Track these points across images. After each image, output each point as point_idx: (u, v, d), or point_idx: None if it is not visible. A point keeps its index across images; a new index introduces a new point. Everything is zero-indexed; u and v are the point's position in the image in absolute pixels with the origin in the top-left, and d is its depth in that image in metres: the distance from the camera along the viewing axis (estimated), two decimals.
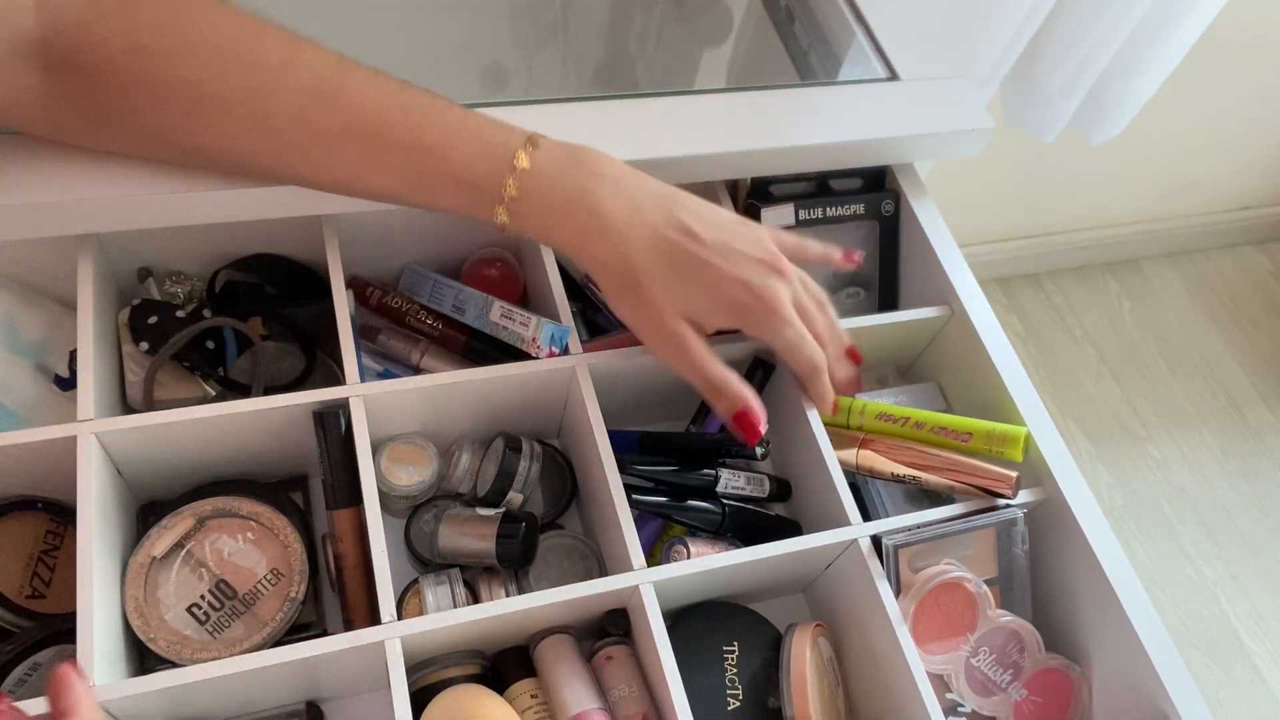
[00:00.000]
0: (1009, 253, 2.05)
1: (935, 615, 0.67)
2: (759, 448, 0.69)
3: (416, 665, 0.61)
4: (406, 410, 0.67)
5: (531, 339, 0.67)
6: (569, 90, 1.08)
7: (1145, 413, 1.96)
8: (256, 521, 0.63)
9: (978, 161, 0.91)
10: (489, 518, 0.65)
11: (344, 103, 0.56)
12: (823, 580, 0.72)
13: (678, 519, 0.69)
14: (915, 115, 0.79)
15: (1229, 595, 1.74)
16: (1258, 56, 1.74)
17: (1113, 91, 1.21)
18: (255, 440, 0.65)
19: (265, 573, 0.62)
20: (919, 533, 0.66)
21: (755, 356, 0.73)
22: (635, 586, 0.61)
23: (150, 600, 0.59)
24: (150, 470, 0.64)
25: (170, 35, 0.54)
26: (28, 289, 0.68)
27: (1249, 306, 2.16)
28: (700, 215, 0.60)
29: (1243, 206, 2.20)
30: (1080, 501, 0.69)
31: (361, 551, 0.64)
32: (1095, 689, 0.69)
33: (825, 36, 0.90)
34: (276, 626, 0.60)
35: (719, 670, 0.67)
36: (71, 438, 0.58)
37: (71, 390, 0.65)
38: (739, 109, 0.76)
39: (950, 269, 0.78)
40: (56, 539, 0.64)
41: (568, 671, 0.63)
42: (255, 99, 0.55)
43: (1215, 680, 1.64)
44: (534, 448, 0.70)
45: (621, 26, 1.11)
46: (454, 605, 0.63)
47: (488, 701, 0.59)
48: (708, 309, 0.60)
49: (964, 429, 0.71)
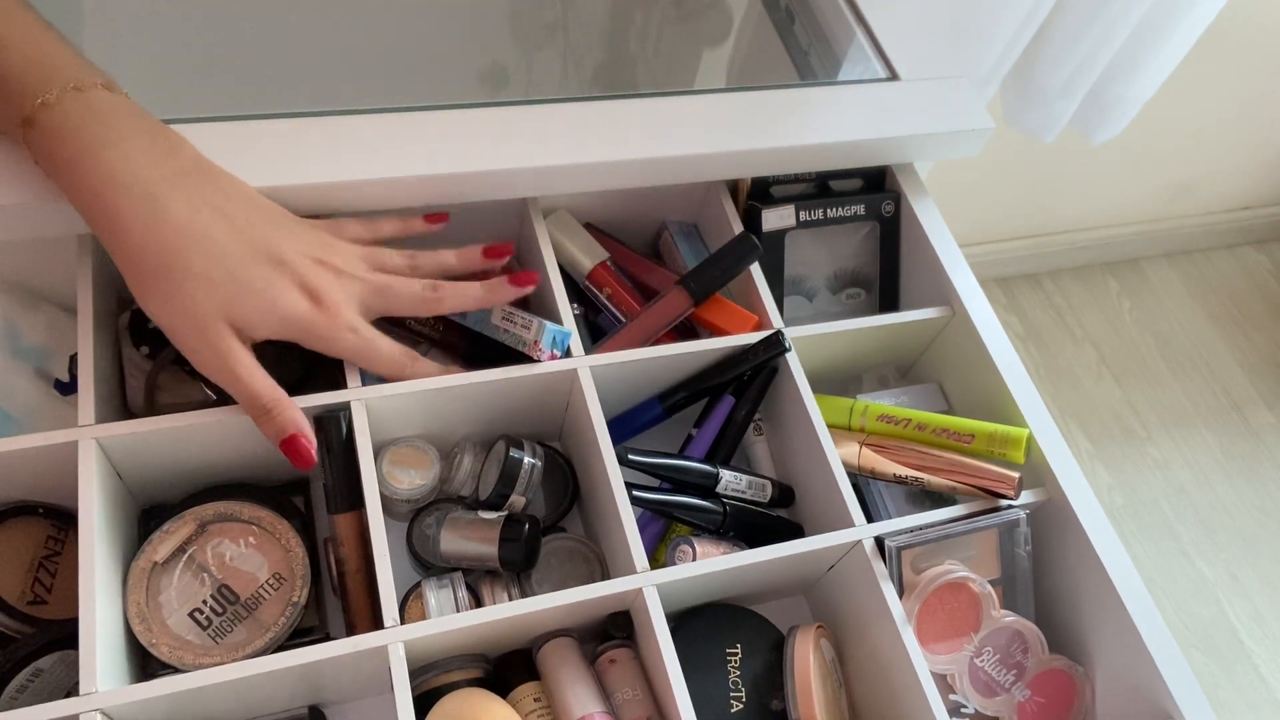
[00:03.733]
0: (1009, 253, 2.05)
1: (939, 616, 0.67)
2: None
3: (419, 669, 0.61)
4: (408, 414, 0.67)
5: (533, 342, 0.67)
6: (569, 90, 1.08)
7: (1145, 413, 1.96)
8: (258, 526, 0.63)
9: (978, 161, 0.91)
10: (491, 521, 0.65)
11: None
12: (825, 582, 0.72)
13: (679, 517, 0.69)
14: (915, 115, 0.79)
15: (1229, 595, 1.74)
16: (1257, 57, 1.74)
17: (1113, 91, 1.21)
18: (257, 444, 0.65)
19: (267, 577, 0.62)
20: (922, 534, 0.66)
21: (762, 362, 0.73)
22: (638, 589, 0.61)
23: (152, 605, 0.59)
24: (151, 475, 0.64)
25: None
26: (27, 293, 0.68)
27: (1249, 306, 2.16)
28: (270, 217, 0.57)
29: (1243, 206, 2.20)
30: (1082, 502, 0.69)
31: (364, 555, 0.64)
32: (1098, 689, 0.69)
33: (825, 36, 0.90)
34: (279, 631, 0.59)
35: (722, 673, 0.67)
36: (73, 443, 0.57)
37: (72, 395, 0.65)
38: (739, 109, 0.76)
39: (951, 269, 0.78)
40: (58, 544, 0.64)
41: (571, 675, 0.63)
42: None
43: (1215, 680, 1.64)
44: (536, 450, 0.70)
45: (621, 26, 1.11)
46: (456, 609, 0.63)
47: (491, 705, 0.59)
48: (258, 318, 0.56)
49: (966, 431, 0.71)
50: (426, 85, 0.92)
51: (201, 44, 0.93)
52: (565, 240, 0.76)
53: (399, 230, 0.67)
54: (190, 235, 0.54)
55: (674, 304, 0.73)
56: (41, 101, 0.53)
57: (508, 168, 0.68)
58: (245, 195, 0.58)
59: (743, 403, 0.74)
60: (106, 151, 0.53)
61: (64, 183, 0.54)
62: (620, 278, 0.76)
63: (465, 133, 0.69)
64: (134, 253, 0.53)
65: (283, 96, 0.77)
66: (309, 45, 0.95)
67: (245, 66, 0.93)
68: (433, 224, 0.68)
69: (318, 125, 0.67)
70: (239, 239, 0.55)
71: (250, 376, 0.56)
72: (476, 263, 0.67)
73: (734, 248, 0.74)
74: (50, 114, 0.53)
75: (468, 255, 0.67)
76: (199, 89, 0.85)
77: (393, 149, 0.66)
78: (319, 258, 0.59)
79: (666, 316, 0.73)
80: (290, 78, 0.92)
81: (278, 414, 0.56)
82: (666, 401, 0.73)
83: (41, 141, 0.54)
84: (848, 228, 0.82)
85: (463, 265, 0.67)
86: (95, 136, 0.53)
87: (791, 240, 0.80)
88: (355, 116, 0.68)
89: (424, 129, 0.68)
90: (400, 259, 0.64)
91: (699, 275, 0.73)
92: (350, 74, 0.93)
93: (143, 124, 0.56)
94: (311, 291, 0.58)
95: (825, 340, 0.75)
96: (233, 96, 0.86)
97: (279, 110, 0.67)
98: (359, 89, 0.90)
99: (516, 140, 0.69)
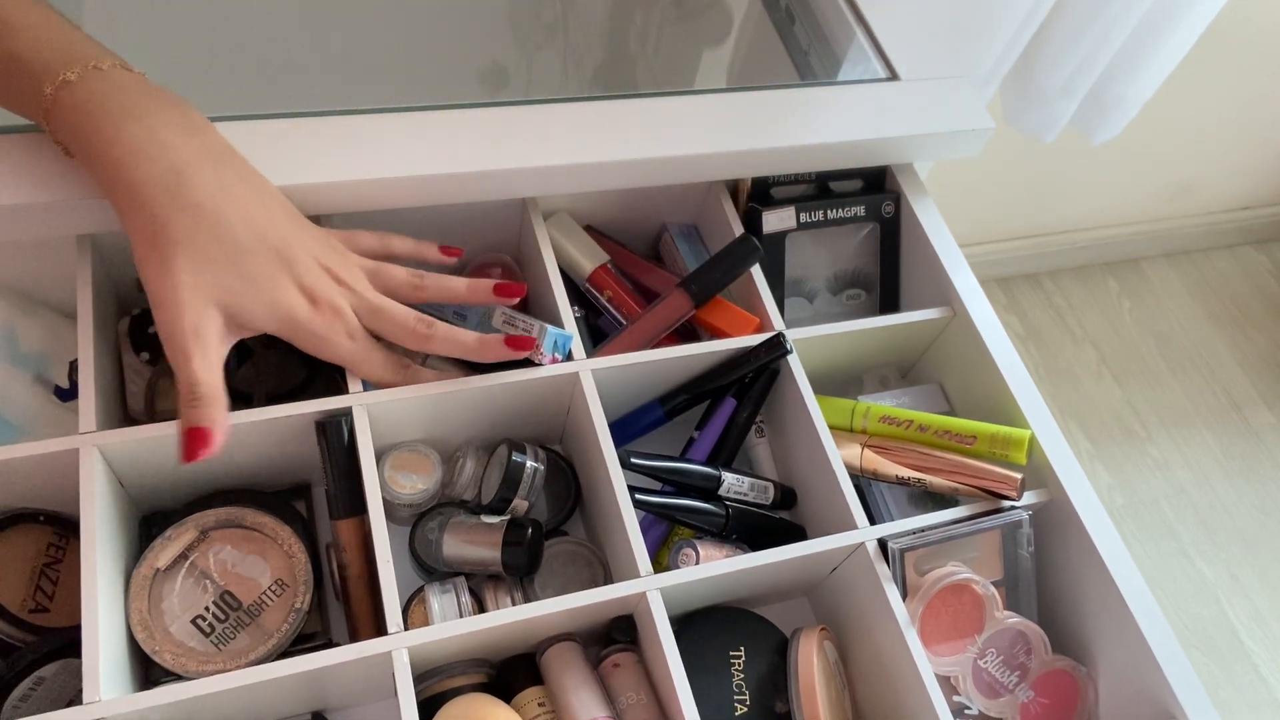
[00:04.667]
0: (1009, 253, 2.05)
1: (943, 617, 0.66)
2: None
3: (423, 674, 0.61)
4: (409, 418, 0.67)
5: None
6: (569, 90, 1.08)
7: (1145, 413, 1.96)
8: (260, 532, 0.63)
9: (978, 161, 0.90)
10: (494, 525, 0.65)
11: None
12: (828, 584, 0.72)
13: (681, 520, 0.68)
14: (915, 115, 0.79)
15: (1229, 595, 1.74)
16: (1257, 57, 1.74)
17: (1113, 91, 1.21)
18: (258, 450, 0.65)
19: (270, 583, 0.61)
20: (925, 535, 0.66)
21: (764, 364, 0.72)
22: (642, 593, 0.61)
23: (154, 613, 0.59)
24: (153, 481, 0.64)
25: None
26: (26, 299, 0.67)
27: (1249, 306, 2.16)
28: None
29: (1243, 206, 2.20)
30: (1084, 503, 0.69)
31: (366, 561, 0.64)
32: (1101, 690, 0.69)
33: (825, 36, 0.90)
34: (282, 637, 0.59)
35: (726, 676, 0.67)
36: (73, 450, 0.57)
37: (72, 401, 0.65)
38: (739, 109, 0.75)
39: (951, 270, 0.78)
40: (59, 552, 0.64)
41: (575, 679, 0.62)
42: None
43: (1215, 680, 1.64)
44: (538, 454, 0.70)
45: (621, 26, 1.10)
46: (460, 614, 0.63)
47: (495, 710, 0.59)
48: (255, 309, 0.56)
49: (968, 432, 0.71)
50: (426, 85, 0.92)
51: (202, 44, 0.93)
52: (566, 243, 0.76)
53: (411, 253, 0.66)
54: (210, 216, 0.54)
55: (675, 306, 0.72)
56: (64, 79, 0.53)
57: (508, 168, 0.68)
58: (267, 189, 0.59)
59: (744, 405, 0.73)
60: (132, 124, 0.53)
61: (87, 155, 0.54)
62: (621, 280, 0.76)
63: (465, 133, 0.69)
64: (149, 225, 0.53)
65: (283, 96, 0.77)
66: (310, 45, 0.95)
67: (245, 66, 0.93)
68: (447, 256, 0.68)
69: (318, 125, 0.66)
70: (253, 229, 0.55)
71: (201, 361, 0.53)
72: (484, 299, 0.66)
73: (735, 249, 0.74)
74: (74, 91, 0.53)
75: (479, 290, 0.65)
76: (200, 89, 0.85)
77: (393, 149, 0.66)
78: (326, 264, 0.59)
79: (667, 319, 0.72)
80: (290, 78, 0.92)
81: (205, 405, 0.54)
82: (668, 404, 0.73)
83: (65, 117, 0.54)
84: (848, 229, 0.82)
85: (469, 299, 0.66)
86: (121, 108, 0.53)
87: (792, 242, 0.80)
88: (355, 116, 0.67)
89: (424, 129, 0.68)
90: (405, 280, 0.63)
91: (700, 277, 0.73)
92: (350, 74, 0.93)
93: (168, 100, 0.56)
94: (311, 294, 0.58)
95: (826, 342, 0.75)
96: (233, 96, 0.85)
97: (279, 110, 0.67)
98: (359, 89, 0.90)
99: (516, 140, 0.69)
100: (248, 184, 0.57)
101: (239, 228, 0.55)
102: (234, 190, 0.56)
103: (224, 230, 0.54)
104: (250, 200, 0.56)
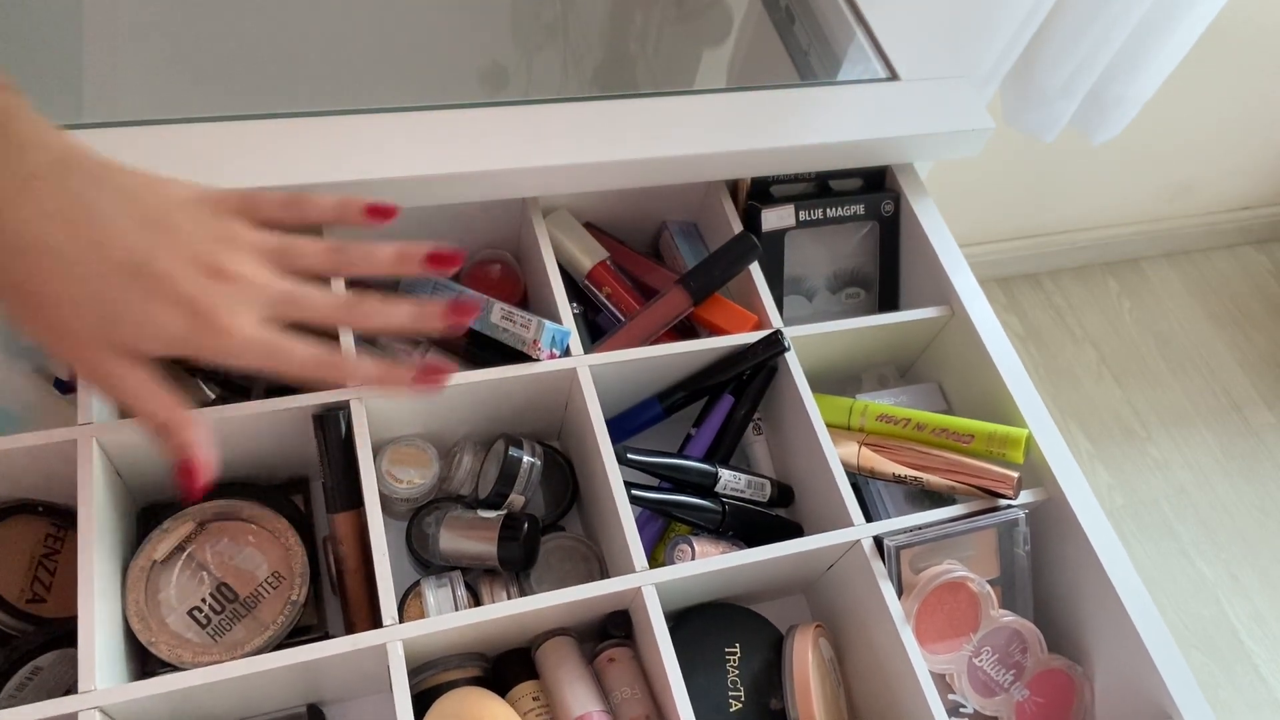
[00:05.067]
0: (1009, 253, 2.05)
1: (938, 615, 0.67)
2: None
3: (418, 668, 0.61)
4: (407, 412, 0.67)
5: (532, 341, 0.67)
6: (569, 90, 1.08)
7: (1145, 413, 1.96)
8: (257, 524, 0.63)
9: (978, 161, 0.91)
10: (490, 520, 0.65)
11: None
12: (824, 581, 0.72)
13: (678, 516, 0.69)
14: (915, 115, 0.79)
15: (1229, 595, 1.74)
16: (1257, 57, 1.74)
17: (1113, 91, 1.21)
18: (256, 443, 0.65)
19: (266, 576, 0.62)
20: (921, 533, 0.66)
21: (762, 361, 0.73)
22: (637, 589, 0.61)
23: (151, 604, 0.59)
24: (151, 473, 0.64)
25: None
26: None
27: (1249, 306, 2.16)
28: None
29: (1243, 206, 2.20)
30: (1081, 502, 0.69)
31: (363, 554, 0.64)
32: (1097, 689, 0.69)
33: (825, 36, 0.90)
34: (278, 629, 0.59)
35: (721, 672, 0.67)
36: (72, 441, 0.57)
37: (71, 394, 0.65)
38: (739, 109, 0.76)
39: (950, 269, 0.78)
40: (57, 543, 0.64)
41: (570, 674, 0.63)
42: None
43: (1215, 680, 1.64)
44: (535, 449, 0.70)
45: (621, 26, 1.10)
46: (455, 608, 0.63)
47: (490, 704, 0.59)
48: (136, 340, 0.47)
49: (965, 431, 0.71)
50: (426, 85, 0.92)
51: (201, 44, 0.93)
52: (565, 239, 0.76)
53: (332, 215, 0.54)
54: (42, 254, 0.45)
55: (673, 303, 0.73)
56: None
57: (508, 168, 0.68)
58: (119, 189, 0.48)
59: (742, 402, 0.74)
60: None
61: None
62: (620, 277, 0.76)
63: (465, 133, 0.69)
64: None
65: (283, 96, 0.77)
66: (309, 45, 0.95)
67: (245, 66, 0.93)
68: (374, 219, 0.54)
69: (318, 125, 0.67)
70: (97, 254, 0.46)
71: (140, 397, 0.48)
72: (417, 269, 0.53)
73: (733, 247, 0.74)
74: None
75: (408, 256, 0.53)
76: (199, 89, 0.85)
77: (393, 149, 0.66)
78: (209, 262, 0.48)
79: (666, 316, 0.73)
80: (290, 78, 0.92)
81: (173, 435, 0.48)
82: (666, 401, 0.73)
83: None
84: (847, 227, 0.82)
85: (399, 269, 0.53)
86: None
87: (791, 240, 0.80)
88: (355, 116, 0.68)
89: (424, 129, 0.68)
90: (319, 255, 0.52)
91: (698, 275, 0.73)
92: (350, 74, 0.93)
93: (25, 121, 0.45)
94: (192, 306, 0.47)
95: (825, 340, 0.75)
96: (233, 96, 0.85)
97: (279, 110, 0.67)
98: (359, 89, 0.90)
99: (516, 140, 0.69)
100: (97, 194, 0.47)
101: (83, 258, 0.45)
102: (71, 212, 0.46)
103: (67, 266, 0.45)
104: (97, 216, 0.46)
